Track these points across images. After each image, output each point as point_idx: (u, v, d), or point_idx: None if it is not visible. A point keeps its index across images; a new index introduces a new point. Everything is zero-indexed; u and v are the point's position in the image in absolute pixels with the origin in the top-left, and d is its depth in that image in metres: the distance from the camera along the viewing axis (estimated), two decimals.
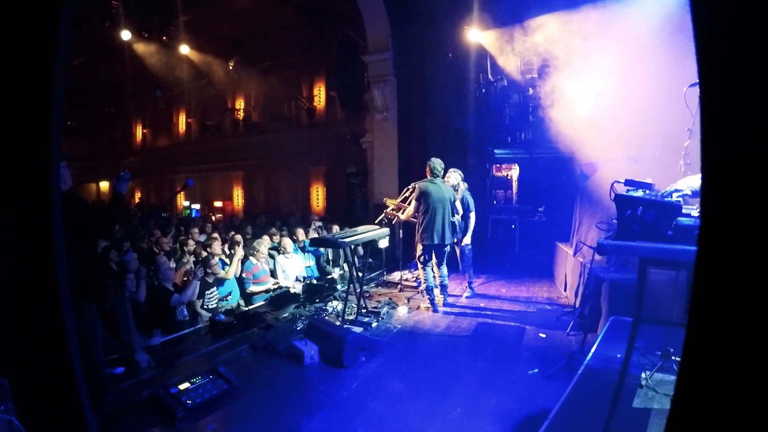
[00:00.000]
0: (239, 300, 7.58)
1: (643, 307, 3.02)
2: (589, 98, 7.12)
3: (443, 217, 7.32)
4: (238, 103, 20.90)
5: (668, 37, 5.75)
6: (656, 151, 5.60)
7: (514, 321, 6.96)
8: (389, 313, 7.25)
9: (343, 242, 6.56)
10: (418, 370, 5.23)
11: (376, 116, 12.22)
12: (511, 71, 10.35)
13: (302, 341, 5.58)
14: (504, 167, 12.70)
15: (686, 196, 2.95)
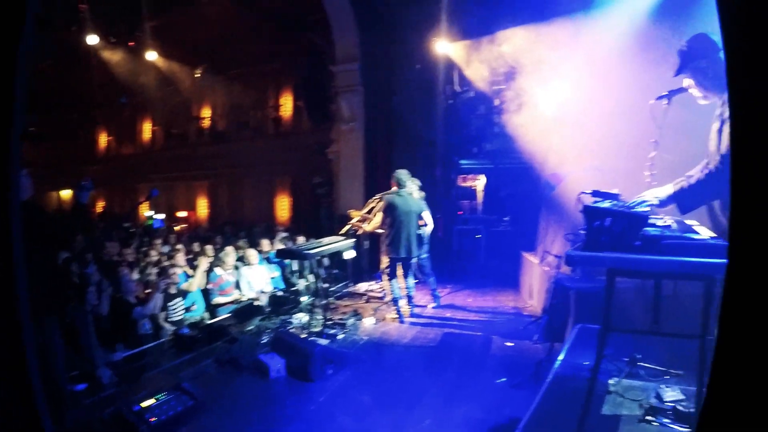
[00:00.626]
0: (204, 313, 7.40)
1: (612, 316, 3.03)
2: (554, 110, 7.22)
3: (409, 230, 7.30)
4: (204, 111, 20.58)
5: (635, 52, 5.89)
6: (622, 162, 5.69)
7: (481, 331, 6.95)
8: (355, 325, 7.15)
9: (308, 254, 6.50)
10: (386, 382, 5.17)
11: (343, 126, 12.17)
12: (478, 82, 10.43)
13: (268, 354, 5.47)
14: (470, 177, 12.79)
15: (653, 206, 2.98)
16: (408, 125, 11.58)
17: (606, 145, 6.34)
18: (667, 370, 4.04)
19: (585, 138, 6.72)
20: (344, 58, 11.91)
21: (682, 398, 3.47)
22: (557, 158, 7.56)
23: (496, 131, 11.43)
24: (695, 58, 2.95)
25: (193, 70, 18.02)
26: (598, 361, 2.86)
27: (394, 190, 7.47)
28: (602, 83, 6.49)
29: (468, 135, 11.94)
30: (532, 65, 7.81)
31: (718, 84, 2.91)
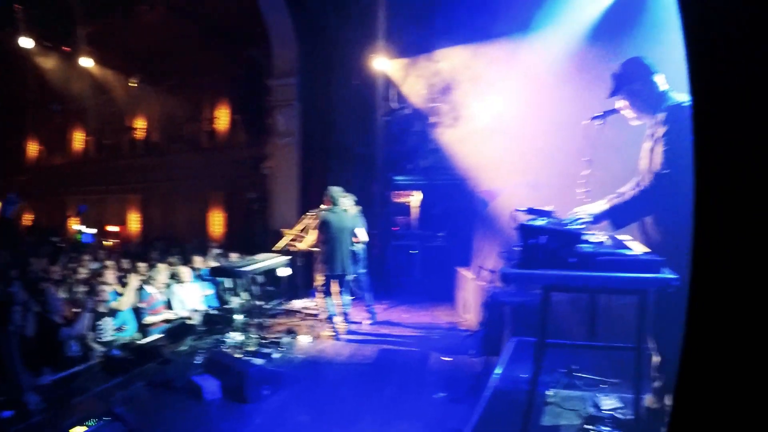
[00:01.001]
0: (135, 333, 7.07)
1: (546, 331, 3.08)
2: (489, 127, 7.40)
3: (344, 246, 7.27)
4: (138, 122, 19.76)
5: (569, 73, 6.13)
6: (555, 179, 5.87)
7: (418, 346, 6.97)
8: (291, 343, 7.03)
9: (242, 271, 6.36)
10: (324, 401, 5.10)
11: (279, 141, 12.03)
12: (414, 99, 10.58)
13: (202, 376, 5.29)
14: (405, 193, 12.87)
15: (586, 223, 3.07)
16: (344, 141, 11.58)
17: (539, 162, 6.55)
18: (604, 379, 4.18)
19: (519, 155, 6.91)
20: (282, 72, 11.81)
21: (619, 406, 3.59)
22: (491, 175, 7.73)
23: (431, 147, 11.60)
24: (629, 80, 3.08)
25: (128, 79, 17.38)
26: (536, 375, 2.91)
27: (327, 206, 7.42)
28: (537, 102, 6.73)
29: (403, 151, 12.04)
30: (468, 83, 8.01)
31: (650, 105, 3.05)
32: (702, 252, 0.89)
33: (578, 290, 3.03)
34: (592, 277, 2.62)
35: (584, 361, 4.32)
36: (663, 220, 2.99)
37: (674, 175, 2.81)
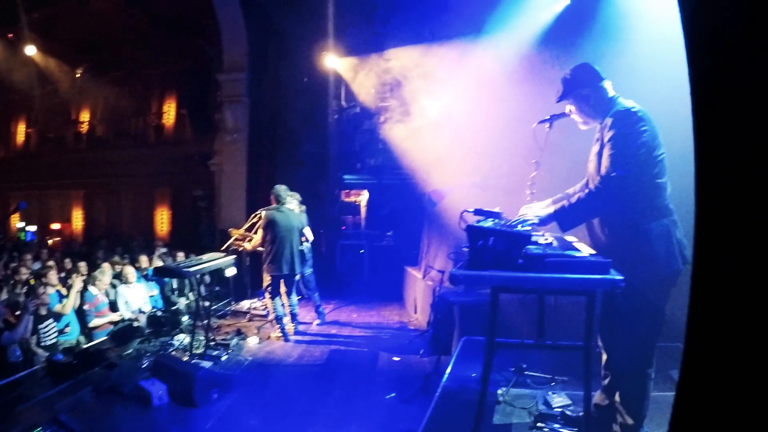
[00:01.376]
0: (79, 336, 6.81)
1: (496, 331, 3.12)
2: (438, 127, 7.46)
3: (291, 246, 7.19)
4: (83, 115, 18.97)
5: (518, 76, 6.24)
6: (503, 180, 5.97)
7: (367, 346, 6.97)
8: (239, 345, 6.90)
9: (188, 272, 6.16)
10: (274, 404, 5.02)
11: (226, 138, 11.82)
12: (364, 98, 10.57)
13: (149, 380, 5.11)
14: (353, 193, 12.86)
15: (534, 225, 3.11)
16: (292, 139, 11.49)
17: (488, 163, 6.65)
18: (553, 377, 4.28)
19: (467, 155, 7.00)
20: (232, 66, 11.63)
21: (569, 403, 3.68)
22: (440, 174, 7.80)
23: (380, 147, 11.64)
24: (578, 86, 3.15)
25: (74, 70, 16.72)
26: (486, 374, 2.94)
27: (274, 205, 7.32)
28: (486, 104, 6.82)
29: (352, 150, 12.05)
30: (419, 83, 8.04)
31: (598, 110, 3.13)
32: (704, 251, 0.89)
33: (527, 291, 3.06)
34: (540, 278, 2.66)
35: (533, 359, 4.42)
36: (609, 222, 3.08)
37: (620, 178, 2.90)
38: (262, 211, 7.31)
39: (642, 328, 2.98)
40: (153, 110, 17.50)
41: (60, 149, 19.35)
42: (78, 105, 18.99)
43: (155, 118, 17.36)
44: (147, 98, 17.65)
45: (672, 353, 4.14)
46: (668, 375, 3.99)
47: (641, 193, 2.93)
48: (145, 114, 17.58)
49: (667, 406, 3.56)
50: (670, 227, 2.95)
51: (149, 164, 17.04)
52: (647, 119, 2.94)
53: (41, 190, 19.39)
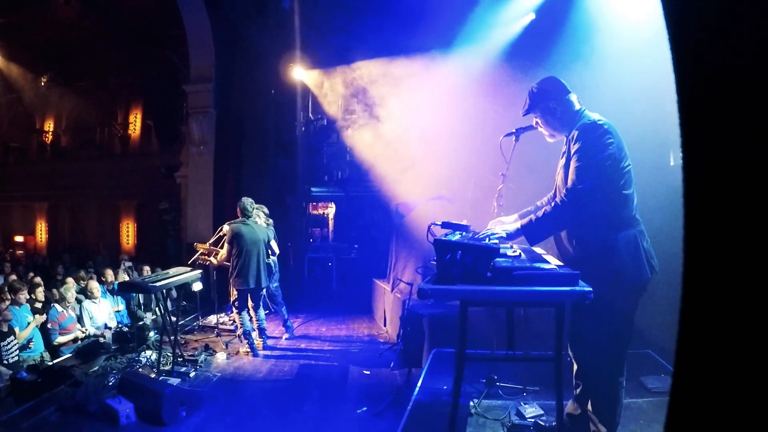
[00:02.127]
0: (43, 352, 6.58)
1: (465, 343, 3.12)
2: (406, 141, 7.50)
3: (258, 260, 7.12)
4: (48, 124, 18.55)
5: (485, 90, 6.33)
6: (469, 192, 6.03)
7: (337, 360, 6.93)
8: (207, 361, 6.77)
9: (154, 287, 6.04)
10: (244, 421, 4.95)
11: (193, 149, 11.66)
12: (331, 111, 10.57)
13: (116, 399, 4.99)
14: (321, 205, 12.81)
15: (501, 238, 3.14)
16: (260, 151, 11.41)
17: (455, 176, 6.71)
18: (524, 387, 4.31)
19: (434, 168, 7.05)
20: (198, 77, 11.49)
21: (541, 413, 3.71)
22: (407, 187, 7.84)
23: (347, 159, 11.65)
24: (544, 99, 3.20)
25: (38, 78, 16.32)
26: (457, 386, 2.94)
27: (240, 219, 7.25)
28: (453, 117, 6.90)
29: (320, 163, 12.02)
30: (385, 96, 8.08)
31: (564, 123, 3.19)
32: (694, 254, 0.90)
33: (496, 304, 3.09)
34: (509, 291, 2.68)
35: (504, 370, 4.45)
36: (576, 234, 3.13)
37: (586, 190, 2.95)
38: (228, 225, 7.22)
39: (612, 337, 3.03)
40: (119, 121, 17.24)
41: (23, 160, 18.94)
42: (42, 114, 18.62)
43: (121, 129, 17.10)
44: (113, 108, 17.38)
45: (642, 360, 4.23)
46: (639, 382, 4.08)
47: (608, 205, 2.99)
48: (111, 124, 17.31)
49: (639, 413, 3.66)
50: (637, 237, 3.01)
51: (115, 176, 16.75)
52: (613, 131, 3.01)
53: (4, 201, 18.94)
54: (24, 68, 16.30)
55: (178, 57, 12.47)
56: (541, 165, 3.94)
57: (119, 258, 11.89)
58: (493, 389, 4.31)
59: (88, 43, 15.28)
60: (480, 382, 4.36)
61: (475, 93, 6.54)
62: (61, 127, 18.53)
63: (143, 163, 15.94)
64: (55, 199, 18.53)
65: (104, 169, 16.99)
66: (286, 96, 11.22)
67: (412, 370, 5.79)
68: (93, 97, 16.97)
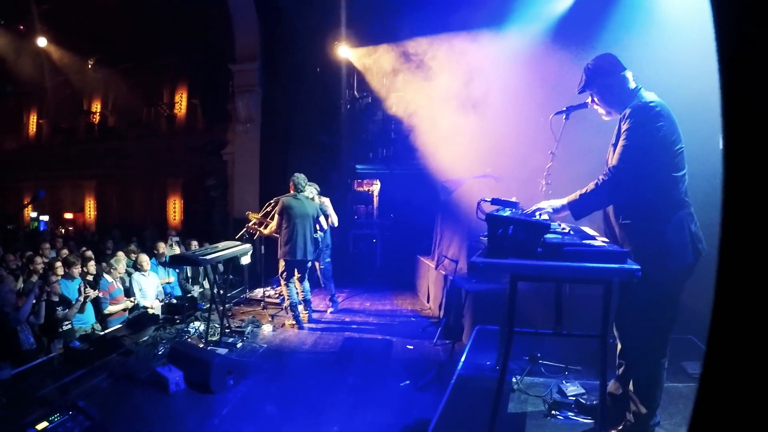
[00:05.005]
0: (94, 323, 6.88)
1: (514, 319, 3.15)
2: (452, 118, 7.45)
3: (305, 233, 7.26)
4: (95, 105, 19.07)
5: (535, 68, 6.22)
6: (516, 171, 5.99)
7: (381, 334, 7.03)
8: (254, 332, 6.96)
9: (204, 260, 6.18)
10: (289, 391, 5.08)
11: (239, 127, 11.87)
12: (376, 88, 10.57)
13: (165, 367, 5.14)
14: (365, 182, 12.90)
15: (549, 213, 3.14)
16: (305, 128, 11.51)
17: (501, 154, 6.65)
18: (566, 366, 4.32)
19: (481, 146, 7.00)
20: (244, 57, 11.65)
21: (582, 392, 3.72)
22: (453, 165, 7.81)
23: (392, 137, 11.67)
24: (600, 75, 3.16)
25: (85, 61, 16.80)
26: (505, 362, 2.98)
27: (291, 193, 7.39)
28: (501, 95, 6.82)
29: (365, 140, 12.08)
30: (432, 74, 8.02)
31: (619, 101, 3.13)
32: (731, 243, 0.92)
33: (546, 280, 3.10)
34: (559, 266, 2.68)
35: (547, 348, 4.46)
36: (624, 214, 3.10)
37: (627, 170, 2.95)
38: (278, 198, 7.38)
39: (657, 318, 3.02)
40: (164, 100, 17.57)
41: (72, 140, 19.48)
42: (89, 96, 19.08)
43: (167, 109, 17.44)
44: (158, 88, 17.71)
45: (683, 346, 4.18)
46: (680, 367, 4.04)
47: (655, 186, 2.96)
48: (157, 104, 17.65)
49: (678, 397, 3.64)
50: (685, 220, 2.97)
51: (161, 154, 17.11)
52: (665, 114, 2.96)
53: (53, 181, 19.49)
54: (71, 52, 16.71)
55: (223, 36, 12.64)
56: (590, 145, 3.89)
57: (167, 233, 12.28)
58: (535, 367, 4.33)
59: (132, 25, 15.53)
60: (523, 359, 4.39)
61: (523, 71, 6.43)
62: (107, 108, 18.99)
63: (189, 142, 16.25)
64: (103, 177, 19.08)
65: (151, 147, 17.37)
66: (331, 74, 11.27)
67: (455, 346, 5.86)
68: (139, 78, 17.32)
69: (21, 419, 4.03)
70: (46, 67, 17.13)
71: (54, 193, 19.48)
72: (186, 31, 14.95)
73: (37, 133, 20.87)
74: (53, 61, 16.88)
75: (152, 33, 15.67)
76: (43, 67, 17.07)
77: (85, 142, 19.08)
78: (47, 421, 3.86)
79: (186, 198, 17.27)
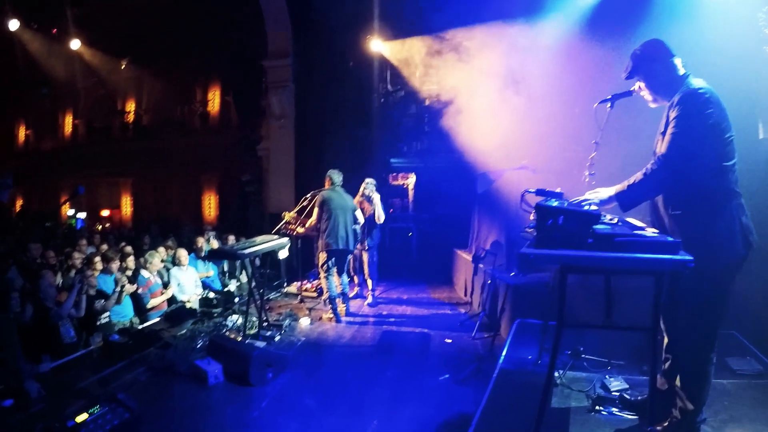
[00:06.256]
0: (132, 317, 7.04)
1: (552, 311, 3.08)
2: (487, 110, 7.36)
3: (346, 223, 7.30)
4: (129, 105, 19.67)
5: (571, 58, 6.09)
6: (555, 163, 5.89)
7: (419, 327, 6.99)
8: (292, 326, 7.00)
9: (242, 254, 6.24)
10: (328, 384, 5.08)
11: (273, 123, 11.97)
12: (409, 82, 10.52)
13: (204, 360, 5.19)
14: (401, 176, 12.89)
15: (596, 205, 3.07)
16: (339, 123, 11.54)
17: (536, 146, 6.55)
18: (609, 360, 4.22)
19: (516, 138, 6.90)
20: (276, 53, 11.73)
21: (627, 387, 3.63)
22: (489, 157, 7.72)
23: (426, 130, 11.61)
24: (648, 61, 3.07)
25: (118, 62, 17.18)
26: (553, 357, 2.91)
27: (329, 187, 7.45)
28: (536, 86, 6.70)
29: (399, 133, 12.04)
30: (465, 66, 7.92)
31: (667, 88, 3.04)
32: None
33: (596, 271, 3.03)
34: (610, 257, 2.61)
35: (589, 343, 4.37)
36: (673, 204, 3.01)
37: (676, 159, 2.86)
38: (315, 193, 7.45)
39: (706, 311, 2.93)
40: (198, 98, 17.86)
41: (107, 139, 20.07)
42: (123, 96, 19.61)
43: (200, 106, 17.71)
44: (191, 87, 18.05)
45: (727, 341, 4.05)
46: (724, 363, 3.91)
47: (705, 175, 2.87)
48: (190, 102, 17.97)
49: (723, 394, 3.54)
50: (735, 211, 2.87)
51: (196, 151, 17.43)
52: (715, 101, 2.87)
53: (90, 179, 19.97)
54: (104, 53, 17.09)
55: (255, 33, 12.73)
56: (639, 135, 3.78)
57: (203, 229, 12.47)
58: (578, 361, 4.25)
59: (164, 24, 15.86)
60: (565, 353, 4.30)
61: (560, 62, 6.31)
62: (141, 107, 19.50)
63: (223, 138, 16.52)
64: (138, 175, 19.61)
65: (185, 145, 17.74)
66: (364, 68, 11.26)
67: (493, 339, 5.80)
68: (171, 77, 17.69)
69: (61, 411, 4.10)
70: (80, 68, 17.64)
71: (90, 191, 20.08)
72: (218, 29, 15.18)
73: (73, 133, 21.57)
74: (87, 63, 17.31)
75: (184, 32, 15.95)
76: (77, 69, 17.52)
77: (120, 141, 19.65)
78: (87, 413, 3.89)
79: (221, 194, 17.56)
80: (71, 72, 17.47)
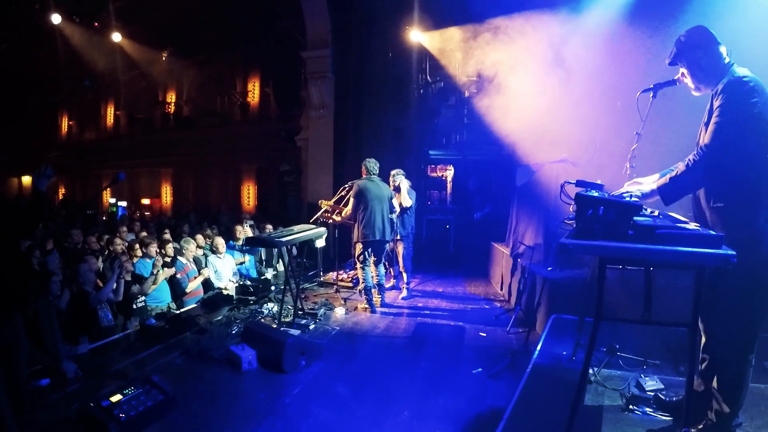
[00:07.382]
0: (169, 303, 7.21)
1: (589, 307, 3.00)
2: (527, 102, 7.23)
3: (382, 214, 7.29)
4: (170, 96, 20.13)
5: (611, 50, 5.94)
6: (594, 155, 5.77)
7: (453, 320, 6.94)
8: (327, 315, 7.04)
9: (280, 241, 6.29)
10: (361, 373, 5.08)
11: (312, 113, 12.04)
12: (449, 73, 10.42)
13: (239, 346, 5.26)
14: (439, 168, 12.80)
15: (636, 196, 2.97)
16: (378, 114, 11.52)
17: (577, 139, 6.41)
18: (645, 359, 4.11)
19: (557, 131, 6.78)
20: (315, 43, 11.80)
21: (662, 387, 3.52)
22: (528, 150, 7.61)
23: (465, 122, 11.50)
24: (692, 48, 2.96)
25: (158, 54, 17.56)
26: (589, 353, 2.83)
27: (365, 177, 7.44)
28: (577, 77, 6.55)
29: (438, 125, 11.95)
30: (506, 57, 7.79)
31: (711, 76, 2.93)
32: None
33: (636, 263, 2.94)
34: (651, 249, 2.51)
35: (625, 340, 4.26)
36: (715, 197, 2.89)
37: (720, 149, 2.75)
38: (352, 183, 7.45)
39: (747, 310, 2.81)
40: (237, 89, 18.10)
41: (148, 129, 20.61)
42: (164, 87, 20.05)
43: (240, 97, 17.94)
44: (231, 78, 18.31)
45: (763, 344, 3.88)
46: (762, 366, 3.74)
47: (752, 167, 2.74)
48: (230, 93, 18.23)
49: (761, 398, 3.40)
50: None
51: (235, 141, 17.70)
52: (760, 90, 2.74)
53: (131, 169, 20.56)
54: (144, 45, 17.46)
55: (293, 24, 12.81)
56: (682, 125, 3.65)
57: (241, 218, 12.65)
58: (613, 359, 4.15)
59: (202, 17, 16.08)
60: (601, 350, 4.20)
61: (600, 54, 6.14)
62: (182, 98, 19.89)
63: (262, 129, 16.71)
64: (179, 164, 20.06)
65: (225, 135, 18.04)
66: (403, 59, 11.20)
67: (528, 334, 5.71)
68: (211, 69, 18.04)
69: (97, 391, 4.23)
70: (121, 61, 18.05)
71: (131, 180, 20.70)
72: (257, 21, 15.32)
73: (114, 124, 22.22)
74: (128, 55, 17.74)
75: (223, 24, 16.19)
76: (118, 61, 17.96)
77: (161, 132, 20.16)
78: (121, 393, 3.96)
79: (260, 183, 17.80)
80: (113, 64, 17.93)
